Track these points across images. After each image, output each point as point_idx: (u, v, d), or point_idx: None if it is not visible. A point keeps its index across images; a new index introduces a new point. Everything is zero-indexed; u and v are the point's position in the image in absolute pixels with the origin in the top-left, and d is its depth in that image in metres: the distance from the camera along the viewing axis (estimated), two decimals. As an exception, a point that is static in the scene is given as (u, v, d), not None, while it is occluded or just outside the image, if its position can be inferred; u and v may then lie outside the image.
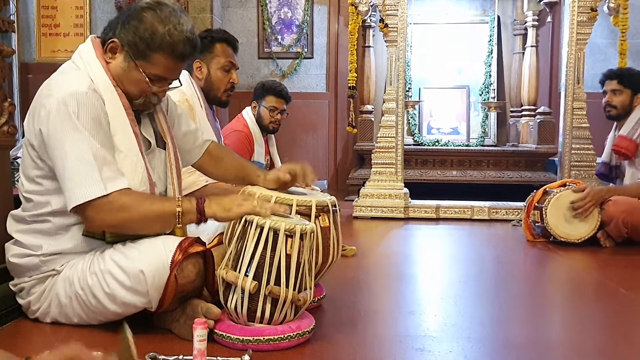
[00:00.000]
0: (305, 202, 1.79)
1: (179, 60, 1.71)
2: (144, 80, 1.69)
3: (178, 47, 1.67)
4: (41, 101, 1.64)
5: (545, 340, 1.78)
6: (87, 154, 1.56)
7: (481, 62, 5.69)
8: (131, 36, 1.66)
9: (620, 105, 3.54)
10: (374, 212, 4.22)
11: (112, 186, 1.57)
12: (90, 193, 1.55)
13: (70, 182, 1.57)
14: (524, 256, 3.21)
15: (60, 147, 1.58)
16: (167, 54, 1.67)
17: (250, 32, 5.81)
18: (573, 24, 4.12)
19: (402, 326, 1.91)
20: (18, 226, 1.74)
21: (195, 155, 2.04)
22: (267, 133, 3.58)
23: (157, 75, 1.70)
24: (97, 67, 1.70)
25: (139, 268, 1.57)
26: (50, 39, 5.49)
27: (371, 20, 5.39)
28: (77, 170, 1.56)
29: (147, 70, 1.68)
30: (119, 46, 1.69)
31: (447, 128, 5.72)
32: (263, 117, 3.51)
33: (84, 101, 1.60)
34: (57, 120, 1.58)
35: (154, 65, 1.68)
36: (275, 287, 1.56)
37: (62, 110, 1.58)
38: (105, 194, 1.55)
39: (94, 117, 1.61)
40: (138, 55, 1.67)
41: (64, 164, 1.57)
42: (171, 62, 1.69)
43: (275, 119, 3.54)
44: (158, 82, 1.72)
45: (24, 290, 1.76)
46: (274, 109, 3.53)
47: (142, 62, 1.68)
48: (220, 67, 2.64)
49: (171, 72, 1.73)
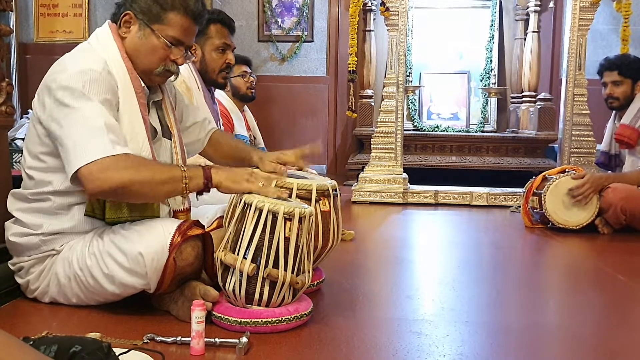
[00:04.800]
0: (306, 186, 1.79)
1: (192, 18, 1.75)
2: (162, 45, 1.72)
3: (190, 4, 1.73)
4: (52, 76, 1.63)
5: (542, 325, 1.79)
6: (96, 119, 1.55)
7: (482, 47, 5.66)
8: (143, 2, 1.72)
9: (623, 96, 3.53)
10: (373, 197, 4.22)
11: (121, 149, 1.55)
12: (98, 152, 1.52)
13: (77, 145, 1.54)
14: (522, 242, 3.22)
15: (69, 116, 1.56)
16: (181, 12, 1.72)
17: (250, 15, 5.76)
18: (575, 9, 4.09)
19: (399, 310, 1.92)
20: (19, 204, 1.74)
21: (200, 145, 2.07)
22: (247, 101, 3.71)
23: (174, 38, 1.73)
24: (113, 50, 1.71)
25: (138, 250, 1.57)
26: (49, 19, 5.44)
27: (372, 3, 5.36)
28: (85, 134, 1.54)
29: (164, 33, 1.72)
30: (133, 17, 1.72)
31: (447, 113, 5.70)
32: (238, 86, 3.63)
33: (97, 77, 1.61)
34: (67, 91, 1.57)
35: (170, 26, 1.72)
36: (274, 269, 1.56)
37: (74, 82, 1.58)
38: (113, 153, 1.53)
39: (105, 93, 1.61)
40: (153, 20, 1.71)
41: (73, 130, 1.55)
42: (186, 21, 1.73)
43: (250, 82, 3.66)
44: (176, 46, 1.74)
45: (23, 269, 1.76)
46: (244, 74, 3.64)
47: (158, 25, 1.71)
48: (214, 49, 2.62)
49: (186, 33, 1.76)
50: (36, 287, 1.75)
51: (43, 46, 5.38)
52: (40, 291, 1.75)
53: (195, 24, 1.78)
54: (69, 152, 1.56)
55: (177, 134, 1.88)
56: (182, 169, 1.63)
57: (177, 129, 1.89)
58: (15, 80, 5.21)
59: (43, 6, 5.44)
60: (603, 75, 3.60)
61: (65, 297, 1.72)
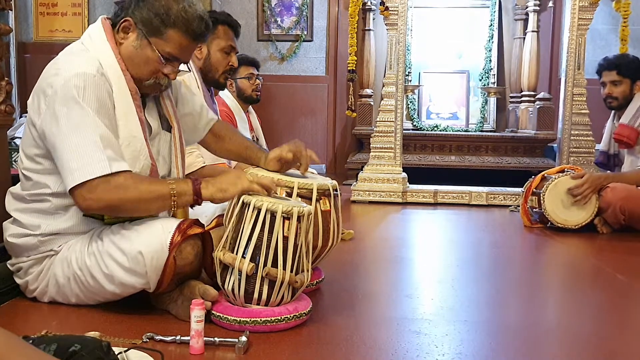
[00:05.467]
0: (307, 185, 1.79)
1: (191, 38, 1.71)
2: (157, 59, 1.69)
3: (192, 24, 1.69)
4: (47, 80, 1.63)
5: (541, 324, 1.80)
6: (91, 134, 1.55)
7: (481, 47, 5.66)
8: (145, 13, 1.68)
9: (622, 96, 3.54)
10: (372, 197, 4.22)
11: (117, 166, 1.56)
12: (88, 172, 1.54)
13: (72, 161, 1.55)
14: (521, 241, 3.22)
15: (64, 127, 1.56)
16: (181, 31, 1.68)
17: (249, 14, 5.76)
18: (575, 9, 4.09)
19: (399, 309, 1.92)
20: (17, 204, 1.74)
21: (199, 134, 2.04)
22: (252, 103, 3.68)
23: (170, 54, 1.70)
24: (106, 50, 1.69)
25: (138, 249, 1.56)
26: (48, 18, 5.44)
27: (371, 3, 5.35)
28: (81, 150, 1.54)
29: (161, 48, 1.69)
30: (133, 25, 1.69)
31: (446, 113, 5.70)
32: (244, 88, 3.60)
33: (91, 82, 1.59)
34: (62, 99, 1.57)
35: (168, 42, 1.69)
36: (273, 269, 1.56)
37: (69, 89, 1.57)
38: (104, 173, 1.54)
39: (100, 99, 1.60)
40: (152, 33, 1.68)
41: (66, 143, 1.56)
42: (184, 40, 1.70)
43: (255, 85, 3.63)
44: (170, 61, 1.72)
45: (21, 270, 1.76)
46: (251, 76, 3.62)
47: (156, 39, 1.68)
48: (220, 49, 2.63)
49: (184, 51, 1.73)
50: (35, 288, 1.75)
51: (42, 45, 5.38)
52: (39, 291, 1.75)
53: (195, 43, 1.75)
54: (63, 169, 1.58)
55: (177, 127, 1.86)
56: (171, 187, 1.61)
57: (176, 121, 1.87)
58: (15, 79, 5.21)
59: (42, 5, 5.43)
60: (602, 74, 3.60)
61: (65, 297, 1.72)
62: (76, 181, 1.55)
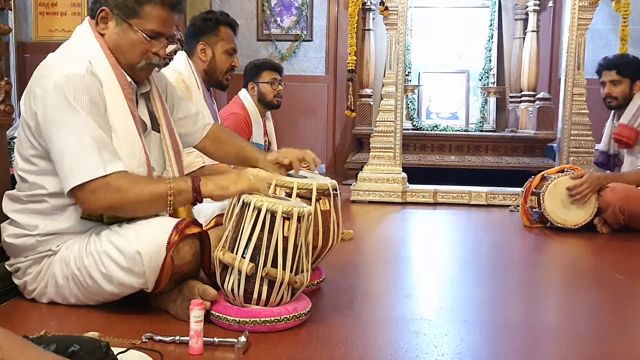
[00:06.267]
0: (306, 185, 1.79)
1: (170, 8, 1.71)
2: (141, 40, 1.69)
3: None
4: (38, 81, 1.62)
5: (541, 323, 1.80)
6: (85, 135, 1.56)
7: (481, 46, 5.66)
8: None
9: (621, 96, 3.54)
10: (372, 196, 4.22)
11: (112, 167, 1.56)
12: (89, 174, 1.54)
13: (67, 164, 1.56)
14: (521, 241, 3.22)
15: (58, 129, 1.57)
16: (157, 4, 1.68)
17: (249, 14, 5.76)
18: (574, 9, 4.08)
19: (398, 309, 1.92)
20: (14, 206, 1.74)
21: (195, 138, 2.04)
22: (272, 109, 3.62)
23: (152, 31, 1.70)
24: (95, 49, 1.69)
25: (136, 249, 1.56)
26: (47, 18, 5.43)
27: (371, 3, 5.35)
28: (76, 152, 1.55)
29: (142, 27, 1.69)
30: (109, 12, 1.69)
31: (446, 113, 5.70)
32: (265, 93, 3.54)
33: (81, 83, 1.59)
34: (54, 102, 1.57)
35: (148, 19, 1.68)
36: (272, 269, 1.56)
37: (60, 92, 1.57)
38: (105, 174, 1.55)
39: (92, 99, 1.60)
40: (129, 15, 1.68)
41: (62, 146, 1.56)
42: (163, 12, 1.70)
43: (278, 90, 3.57)
44: (155, 38, 1.71)
45: (20, 270, 1.75)
46: (274, 81, 3.56)
47: (135, 19, 1.68)
48: (224, 51, 2.68)
49: (165, 24, 1.72)
50: (34, 288, 1.75)
51: (42, 45, 5.36)
52: (38, 292, 1.74)
53: (174, 13, 1.73)
54: (61, 171, 1.59)
55: (165, 125, 1.85)
56: (169, 185, 1.62)
57: (165, 120, 1.86)
58: (14, 79, 5.20)
59: (42, 5, 5.42)
60: (602, 74, 3.60)
61: (63, 298, 1.72)
62: (73, 184, 1.56)
